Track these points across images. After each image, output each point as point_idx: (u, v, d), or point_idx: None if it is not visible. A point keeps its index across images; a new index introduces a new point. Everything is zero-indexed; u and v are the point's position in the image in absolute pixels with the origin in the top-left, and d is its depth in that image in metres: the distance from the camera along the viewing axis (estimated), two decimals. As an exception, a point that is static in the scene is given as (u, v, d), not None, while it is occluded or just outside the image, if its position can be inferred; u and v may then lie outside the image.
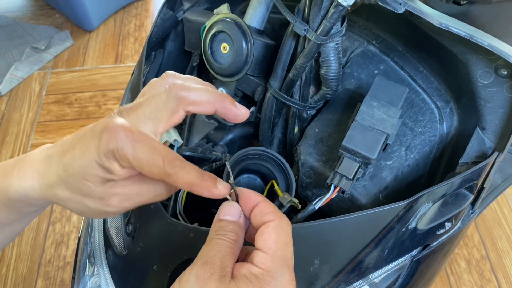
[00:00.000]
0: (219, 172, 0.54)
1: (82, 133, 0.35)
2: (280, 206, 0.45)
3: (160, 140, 0.39)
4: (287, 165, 0.47)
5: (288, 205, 0.45)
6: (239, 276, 0.31)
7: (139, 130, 0.34)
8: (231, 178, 0.37)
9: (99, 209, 0.37)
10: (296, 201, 0.44)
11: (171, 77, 0.39)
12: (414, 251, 0.46)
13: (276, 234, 0.33)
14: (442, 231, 0.47)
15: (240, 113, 0.38)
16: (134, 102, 0.37)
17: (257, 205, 0.35)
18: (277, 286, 0.31)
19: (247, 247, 0.36)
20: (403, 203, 0.41)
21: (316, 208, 0.45)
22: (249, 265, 0.32)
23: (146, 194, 0.37)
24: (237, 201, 0.36)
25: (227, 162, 0.40)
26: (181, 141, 0.47)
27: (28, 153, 0.39)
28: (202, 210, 0.51)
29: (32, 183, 0.37)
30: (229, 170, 0.38)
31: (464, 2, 0.46)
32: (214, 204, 0.58)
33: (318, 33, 0.45)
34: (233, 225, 0.35)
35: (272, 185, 0.47)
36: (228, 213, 0.35)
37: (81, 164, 0.34)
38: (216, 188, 0.35)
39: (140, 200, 0.37)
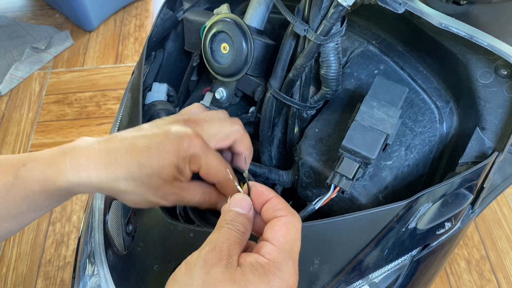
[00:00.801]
0: None
1: (150, 135, 0.41)
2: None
3: None
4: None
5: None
6: (246, 264, 0.32)
7: (207, 142, 0.42)
8: (246, 172, 0.40)
9: (156, 202, 0.42)
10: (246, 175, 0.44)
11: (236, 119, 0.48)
12: (414, 251, 0.46)
13: (286, 228, 0.34)
14: (442, 231, 0.47)
15: (245, 167, 0.48)
16: (197, 116, 0.45)
17: (270, 200, 0.36)
18: (281, 277, 0.31)
19: (249, 241, 0.37)
20: (403, 203, 0.41)
21: (316, 208, 0.45)
22: (256, 255, 0.33)
23: (195, 197, 0.43)
24: (249, 194, 0.37)
25: (244, 156, 0.46)
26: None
27: (71, 144, 0.42)
28: (202, 210, 0.51)
29: (90, 174, 0.39)
30: (246, 161, 0.45)
31: (464, 2, 0.46)
32: None
33: (318, 33, 0.45)
34: (242, 217, 0.36)
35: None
36: (239, 205, 0.36)
37: (160, 165, 0.39)
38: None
39: (187, 202, 0.43)
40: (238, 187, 0.39)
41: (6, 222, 0.42)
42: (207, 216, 0.48)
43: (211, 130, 0.44)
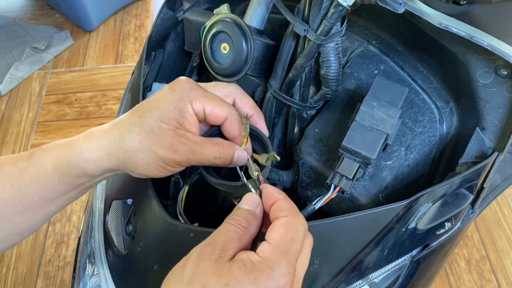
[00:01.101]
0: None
1: (151, 96, 0.42)
2: (263, 168, 0.44)
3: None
4: (258, 130, 0.46)
5: (268, 163, 0.44)
6: (237, 260, 0.32)
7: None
8: (259, 173, 0.40)
9: (167, 157, 0.40)
10: (273, 154, 0.44)
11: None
12: (414, 251, 0.46)
13: (284, 228, 0.34)
14: (442, 231, 0.47)
15: (266, 130, 0.47)
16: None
17: (277, 201, 0.36)
18: (271, 276, 0.31)
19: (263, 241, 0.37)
20: (403, 203, 0.41)
21: (316, 208, 0.45)
22: (251, 252, 0.33)
23: (208, 151, 0.41)
24: (260, 196, 0.37)
25: (248, 157, 0.44)
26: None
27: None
28: (202, 210, 0.51)
29: (100, 140, 0.41)
30: (253, 165, 0.43)
31: (464, 2, 0.46)
32: (213, 204, 0.58)
33: (318, 33, 0.45)
34: (247, 213, 0.36)
35: (255, 160, 0.46)
36: (246, 202, 0.37)
37: (158, 107, 0.40)
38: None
39: (201, 157, 0.41)
40: (252, 189, 0.39)
41: (17, 216, 0.42)
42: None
43: (209, 88, 0.44)
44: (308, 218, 0.46)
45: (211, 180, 0.44)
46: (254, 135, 0.46)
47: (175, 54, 0.66)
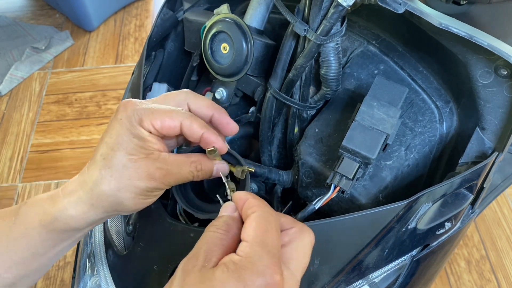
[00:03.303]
0: None
1: (104, 134, 0.41)
2: (241, 182, 0.44)
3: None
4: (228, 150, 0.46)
5: (244, 175, 0.44)
6: (219, 265, 0.32)
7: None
8: (233, 192, 0.40)
9: (147, 186, 0.40)
10: (247, 168, 0.43)
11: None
12: (414, 251, 0.46)
13: (256, 222, 0.34)
14: (442, 231, 0.47)
15: (233, 125, 0.45)
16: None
17: (246, 201, 0.36)
18: (255, 270, 0.31)
19: None
20: (403, 203, 0.41)
21: (316, 208, 0.45)
22: (232, 254, 0.33)
23: (186, 170, 0.41)
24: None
25: (223, 176, 0.43)
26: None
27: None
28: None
29: (79, 195, 0.40)
30: (225, 179, 0.43)
31: (464, 2, 0.46)
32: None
33: (318, 33, 0.45)
34: (226, 217, 0.36)
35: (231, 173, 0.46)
36: (224, 210, 0.37)
37: (117, 142, 0.39)
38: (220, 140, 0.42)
39: (180, 177, 0.41)
40: (229, 193, 0.40)
41: (8, 272, 0.42)
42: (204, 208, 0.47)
43: (159, 101, 0.42)
44: (308, 218, 0.46)
45: (185, 208, 0.45)
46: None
47: (175, 54, 0.66)
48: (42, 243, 0.42)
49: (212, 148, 0.41)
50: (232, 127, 0.45)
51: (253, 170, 0.44)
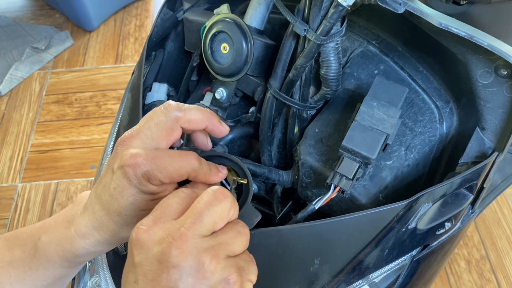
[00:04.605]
0: None
1: (101, 183, 0.40)
2: (244, 187, 0.44)
3: None
4: (232, 157, 0.45)
5: (235, 184, 0.44)
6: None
7: (150, 150, 0.38)
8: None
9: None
10: (239, 179, 0.44)
11: (168, 103, 0.42)
12: (414, 251, 0.46)
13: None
14: (442, 231, 0.47)
15: (224, 130, 0.44)
16: (133, 128, 0.40)
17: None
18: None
19: None
20: (403, 203, 0.41)
21: (316, 208, 0.45)
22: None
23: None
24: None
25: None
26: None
27: (72, 208, 0.43)
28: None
29: (97, 239, 0.41)
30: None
31: (464, 2, 0.46)
32: None
33: (318, 33, 0.45)
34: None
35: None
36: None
37: (130, 202, 0.38)
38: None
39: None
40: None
41: None
42: None
43: (150, 134, 0.40)
44: (308, 218, 0.46)
45: None
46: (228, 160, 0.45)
47: (175, 54, 0.66)
48: (64, 270, 0.43)
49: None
50: (221, 131, 0.44)
51: (245, 182, 0.43)
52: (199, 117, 0.41)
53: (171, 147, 0.42)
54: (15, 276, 0.43)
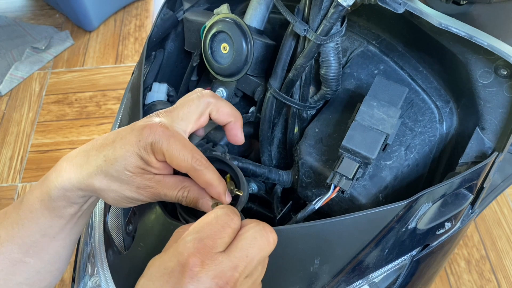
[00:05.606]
0: None
1: (119, 130, 0.41)
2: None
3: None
4: (233, 165, 0.47)
5: (234, 193, 0.45)
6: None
7: (173, 128, 0.41)
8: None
9: (133, 197, 0.42)
10: (235, 191, 0.45)
11: (203, 90, 0.46)
12: (414, 251, 0.46)
13: (206, 215, 0.38)
14: (441, 231, 0.47)
15: (240, 137, 0.47)
16: (171, 106, 0.44)
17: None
18: (171, 250, 0.36)
19: None
20: (403, 203, 0.41)
21: (316, 208, 0.45)
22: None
23: (172, 194, 0.42)
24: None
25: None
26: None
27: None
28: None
29: (69, 176, 0.41)
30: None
31: (464, 2, 0.46)
32: None
33: (318, 33, 0.45)
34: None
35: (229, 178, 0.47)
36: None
37: (123, 156, 0.40)
38: (224, 196, 0.42)
39: (166, 198, 0.43)
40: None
41: (27, 256, 0.45)
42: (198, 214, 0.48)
43: (182, 114, 0.43)
44: (308, 218, 0.46)
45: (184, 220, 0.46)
46: (228, 166, 0.46)
47: (175, 54, 0.66)
48: (49, 224, 0.44)
49: (216, 202, 0.43)
50: (237, 140, 0.47)
51: (241, 194, 0.44)
52: (228, 110, 0.45)
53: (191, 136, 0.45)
54: (4, 235, 0.44)
